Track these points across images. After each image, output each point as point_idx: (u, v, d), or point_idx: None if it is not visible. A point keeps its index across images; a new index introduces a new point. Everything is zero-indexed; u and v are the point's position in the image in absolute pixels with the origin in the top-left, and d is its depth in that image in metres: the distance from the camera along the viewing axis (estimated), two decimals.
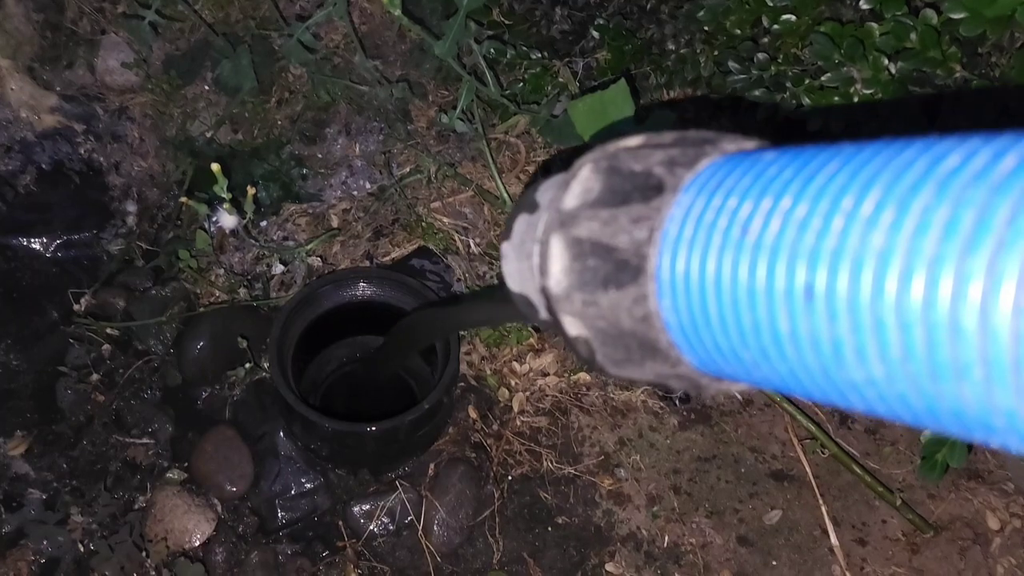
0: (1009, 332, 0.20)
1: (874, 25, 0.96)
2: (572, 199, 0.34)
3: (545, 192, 0.37)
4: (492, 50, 1.28)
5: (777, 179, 0.28)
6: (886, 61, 0.95)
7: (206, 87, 1.39)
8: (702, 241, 0.29)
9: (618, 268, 0.31)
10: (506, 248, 0.39)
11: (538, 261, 0.35)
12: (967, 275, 0.21)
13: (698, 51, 1.20)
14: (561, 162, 1.39)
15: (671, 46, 1.23)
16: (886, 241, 0.23)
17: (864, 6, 0.97)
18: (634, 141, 0.34)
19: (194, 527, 1.11)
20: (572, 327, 0.34)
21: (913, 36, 0.92)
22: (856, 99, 0.98)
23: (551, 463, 1.19)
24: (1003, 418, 0.21)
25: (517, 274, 0.38)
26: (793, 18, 1.05)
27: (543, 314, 0.36)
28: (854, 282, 0.24)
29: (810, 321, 0.25)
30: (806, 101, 1.02)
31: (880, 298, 0.23)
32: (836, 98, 0.99)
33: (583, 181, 0.34)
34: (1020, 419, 0.21)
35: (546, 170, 1.38)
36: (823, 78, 1.00)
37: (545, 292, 0.35)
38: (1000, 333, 0.21)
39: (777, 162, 0.29)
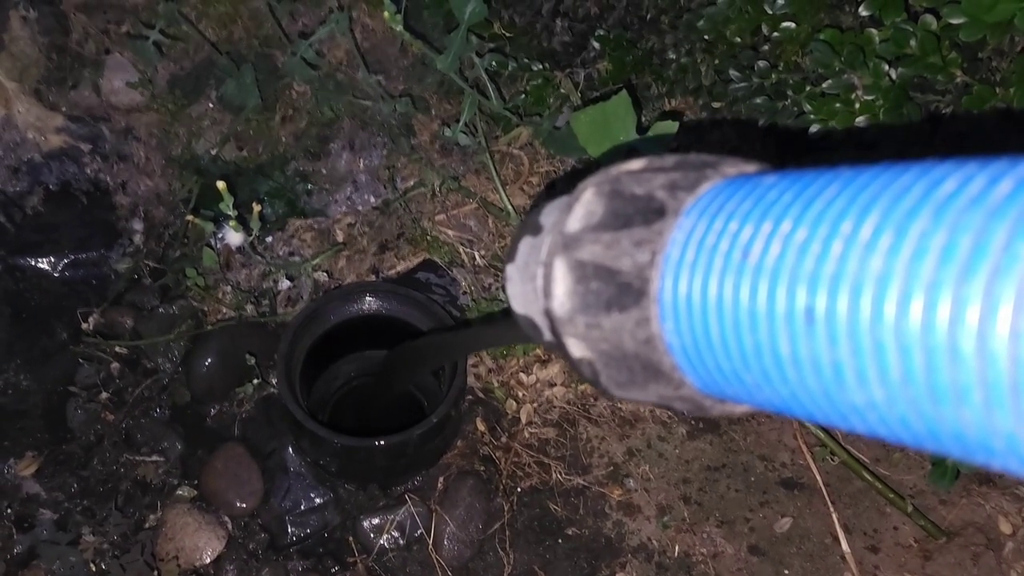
0: (1007, 356, 0.21)
1: (874, 31, 0.96)
2: (575, 222, 0.34)
3: (548, 214, 0.38)
4: (494, 63, 1.29)
5: (777, 203, 0.28)
6: (886, 67, 0.95)
7: (211, 105, 1.40)
8: (704, 264, 0.29)
9: (621, 291, 0.32)
10: (510, 270, 0.39)
11: (542, 283, 0.36)
12: (965, 299, 0.21)
13: (699, 60, 1.21)
14: (565, 175, 1.39)
15: (672, 56, 1.23)
16: (884, 265, 0.23)
17: (864, 13, 0.97)
18: (636, 164, 0.34)
19: (205, 544, 1.11)
20: (576, 349, 0.34)
21: (913, 42, 0.92)
22: (857, 106, 0.98)
23: (560, 475, 1.19)
24: (1003, 441, 0.22)
25: (521, 296, 0.39)
26: (793, 26, 1.05)
27: (547, 336, 0.37)
28: (853, 306, 0.24)
29: (810, 344, 0.25)
30: (807, 108, 1.02)
31: (879, 322, 0.23)
32: (837, 105, 0.99)
33: (586, 204, 0.34)
34: (1020, 442, 0.21)
35: (550, 184, 1.39)
36: (824, 85, 1.00)
37: (549, 314, 0.35)
38: (998, 357, 0.21)
39: (777, 186, 0.29)
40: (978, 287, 0.21)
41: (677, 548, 1.15)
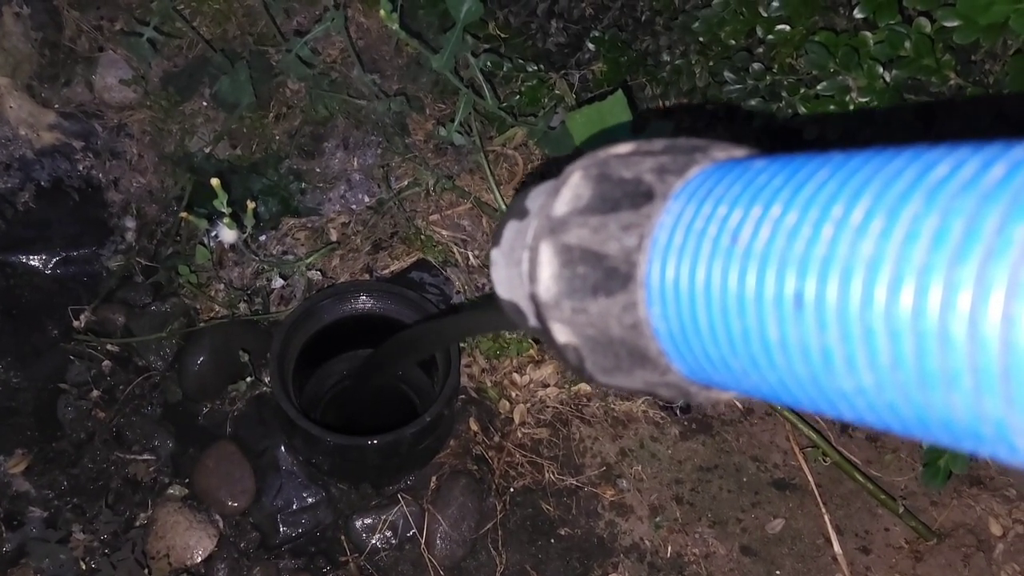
0: (998, 341, 0.20)
1: (868, 34, 0.96)
2: (562, 205, 0.34)
3: (535, 198, 0.37)
4: (489, 63, 1.29)
5: (767, 187, 0.28)
6: (881, 69, 0.95)
7: (204, 103, 1.40)
8: (692, 249, 0.29)
9: (608, 275, 0.31)
10: (495, 255, 0.39)
11: (527, 268, 0.35)
12: (956, 284, 0.21)
13: (693, 62, 1.21)
14: (556, 171, 1.39)
15: (666, 57, 1.23)
16: (876, 250, 0.23)
17: (858, 15, 0.97)
18: (624, 148, 0.34)
19: (196, 543, 1.10)
20: (561, 334, 0.34)
21: (907, 44, 0.92)
22: (852, 107, 0.98)
23: (553, 475, 1.18)
24: (992, 427, 0.21)
25: (506, 281, 0.38)
26: (787, 28, 1.05)
27: (532, 321, 0.36)
28: (844, 290, 0.24)
29: (799, 329, 0.25)
30: (802, 110, 1.02)
31: (869, 307, 0.23)
32: (832, 106, 0.99)
33: (573, 188, 0.34)
34: (1009, 429, 0.21)
35: (541, 177, 1.38)
36: (819, 87, 1.00)
37: (534, 299, 0.34)
38: (989, 342, 0.20)
39: (767, 170, 0.29)
40: (970, 271, 0.21)
41: (669, 548, 1.14)
